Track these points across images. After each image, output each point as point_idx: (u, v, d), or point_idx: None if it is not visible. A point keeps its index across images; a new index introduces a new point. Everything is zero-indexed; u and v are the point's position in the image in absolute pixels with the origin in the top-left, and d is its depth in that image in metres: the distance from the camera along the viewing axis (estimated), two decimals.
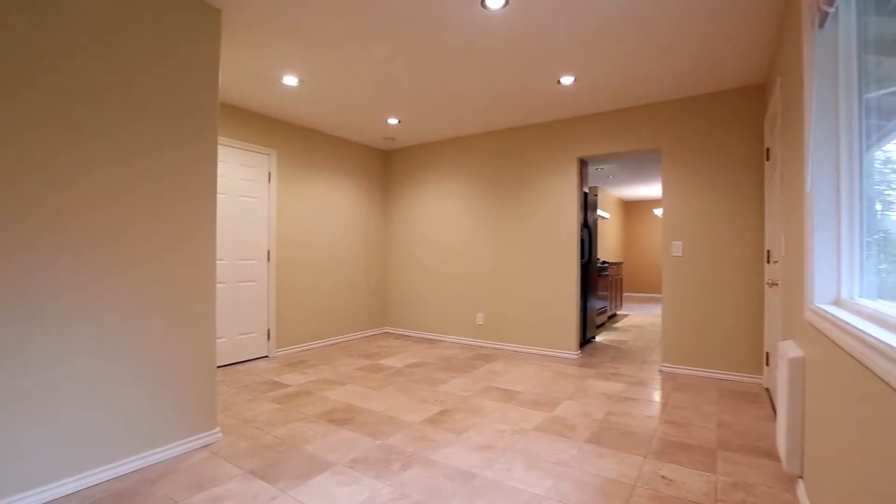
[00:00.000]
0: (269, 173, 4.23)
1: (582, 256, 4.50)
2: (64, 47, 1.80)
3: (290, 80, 3.36)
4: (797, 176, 1.90)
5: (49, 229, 1.77)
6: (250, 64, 3.07)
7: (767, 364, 3.22)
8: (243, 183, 4.02)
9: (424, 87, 3.52)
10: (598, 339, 5.26)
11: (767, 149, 3.21)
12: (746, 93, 3.44)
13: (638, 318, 7.08)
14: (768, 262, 3.22)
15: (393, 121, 4.40)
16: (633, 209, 10.81)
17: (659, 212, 9.37)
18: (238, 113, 3.96)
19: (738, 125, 3.47)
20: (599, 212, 7.76)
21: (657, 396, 3.08)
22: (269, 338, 4.22)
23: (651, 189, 8.92)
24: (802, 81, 1.72)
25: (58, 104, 1.79)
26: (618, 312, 7.58)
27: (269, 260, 4.22)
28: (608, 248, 9.21)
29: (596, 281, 5.17)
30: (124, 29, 1.99)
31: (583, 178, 4.39)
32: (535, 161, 4.46)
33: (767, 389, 3.21)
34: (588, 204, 4.82)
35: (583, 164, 4.38)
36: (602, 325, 6.10)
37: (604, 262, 6.60)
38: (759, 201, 3.38)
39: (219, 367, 3.84)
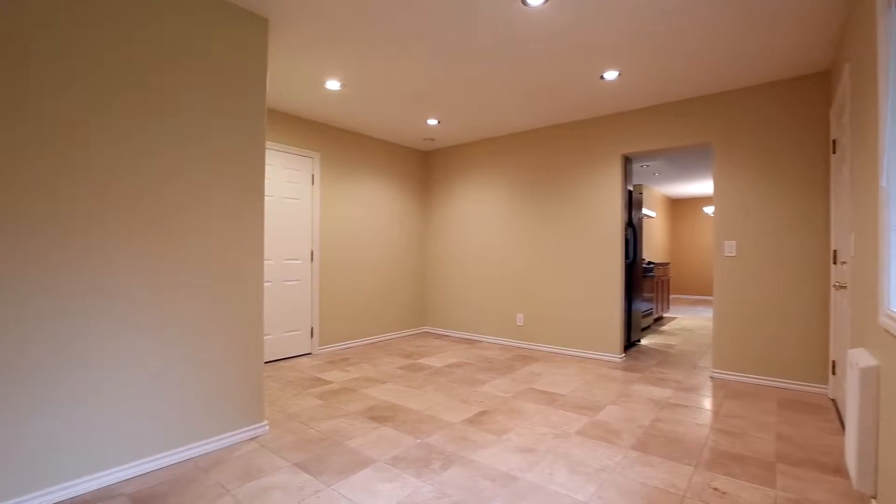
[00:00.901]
0: (313, 175, 4.36)
1: (626, 257, 4.35)
2: (134, 53, 1.94)
3: (333, 85, 3.44)
4: (870, 170, 1.75)
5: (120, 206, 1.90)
6: (294, 70, 3.18)
7: (834, 373, 2.99)
8: (288, 185, 4.16)
9: (464, 87, 3.51)
10: (643, 342, 5.06)
11: (834, 140, 2.98)
12: (808, 81, 3.20)
13: (686, 320, 6.77)
14: (835, 262, 2.99)
15: (432, 122, 4.42)
16: (681, 207, 10.35)
17: (710, 210, 8.91)
18: (282, 117, 4.11)
19: (799, 116, 3.23)
20: (645, 210, 7.48)
21: (708, 404, 2.93)
22: (312, 335, 4.35)
23: (700, 186, 8.51)
24: (876, 67, 1.58)
25: (122, 95, 1.93)
26: (664, 315, 7.28)
27: (312, 260, 4.35)
28: (654, 248, 8.86)
29: (641, 282, 4.98)
30: (188, 40, 2.11)
31: (627, 175, 4.24)
32: (577, 159, 4.35)
33: (834, 400, 2.98)
34: (633, 202, 4.65)
35: (627, 161, 4.23)
36: (647, 327, 5.87)
37: (649, 263, 6.36)
38: (824, 197, 3.14)
39: (265, 362, 4.00)
